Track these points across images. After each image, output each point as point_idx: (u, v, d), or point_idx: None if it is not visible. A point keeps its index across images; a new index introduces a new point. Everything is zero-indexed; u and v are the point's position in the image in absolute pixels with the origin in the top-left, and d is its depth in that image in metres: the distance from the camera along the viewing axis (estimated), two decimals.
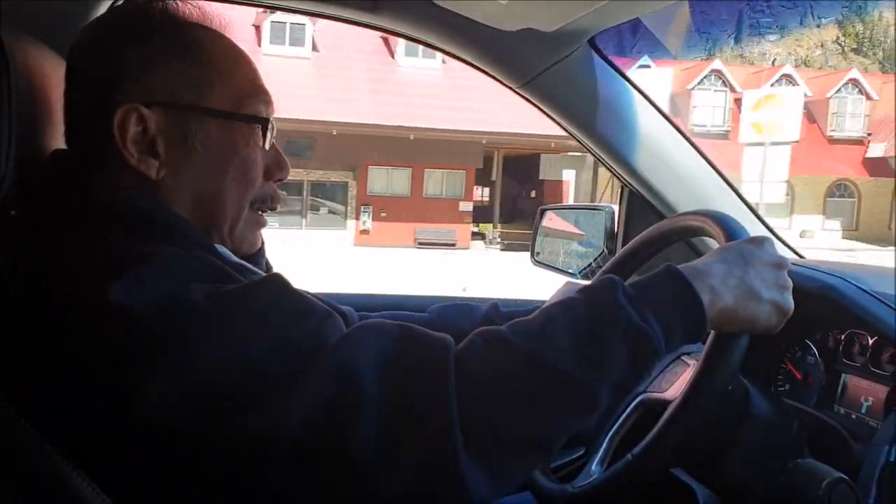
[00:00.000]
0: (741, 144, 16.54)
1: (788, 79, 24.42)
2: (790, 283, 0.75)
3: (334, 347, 0.61)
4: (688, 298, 0.69)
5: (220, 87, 0.75)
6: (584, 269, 1.46)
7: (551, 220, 1.62)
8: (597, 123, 1.30)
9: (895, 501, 0.77)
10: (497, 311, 1.06)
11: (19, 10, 0.81)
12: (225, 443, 0.58)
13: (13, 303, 0.64)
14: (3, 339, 0.63)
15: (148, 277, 0.61)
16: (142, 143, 0.72)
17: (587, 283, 0.74)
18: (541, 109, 1.30)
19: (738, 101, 21.77)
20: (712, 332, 0.76)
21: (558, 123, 1.32)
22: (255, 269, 0.79)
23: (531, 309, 1.04)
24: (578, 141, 1.35)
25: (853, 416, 0.95)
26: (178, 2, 0.77)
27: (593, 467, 0.86)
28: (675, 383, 0.89)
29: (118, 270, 0.61)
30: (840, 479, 0.74)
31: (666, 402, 0.82)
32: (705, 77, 24.50)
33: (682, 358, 0.96)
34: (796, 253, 1.39)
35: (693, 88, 24.30)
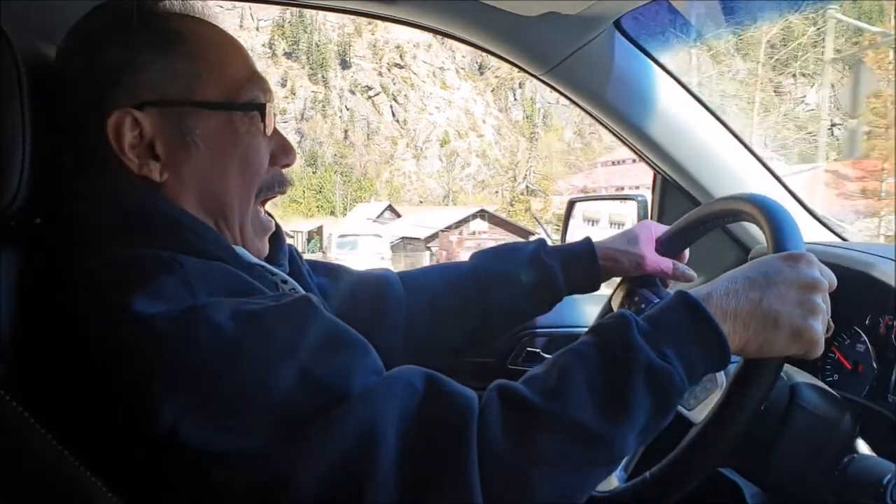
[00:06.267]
0: None
1: None
2: (820, 308, 0.68)
3: (360, 398, 0.58)
4: (706, 328, 0.65)
5: (211, 77, 0.72)
6: None
7: (582, 213, 1.58)
8: (626, 109, 1.26)
9: None
10: (545, 248, 1.03)
11: (27, 14, 0.80)
12: (234, 474, 0.56)
13: (36, 310, 0.64)
14: (25, 346, 0.62)
15: (171, 288, 0.60)
16: (140, 146, 0.69)
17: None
18: (565, 96, 1.26)
19: None
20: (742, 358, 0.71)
21: (584, 110, 1.28)
22: (275, 270, 0.77)
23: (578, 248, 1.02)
24: (606, 128, 1.31)
25: None
26: None
27: (617, 472, 0.82)
28: (702, 401, 0.83)
29: (140, 279, 0.59)
30: None
31: (690, 422, 0.78)
32: None
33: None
34: (840, 237, 1.33)
35: None
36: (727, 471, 0.92)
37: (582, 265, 1.03)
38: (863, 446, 0.80)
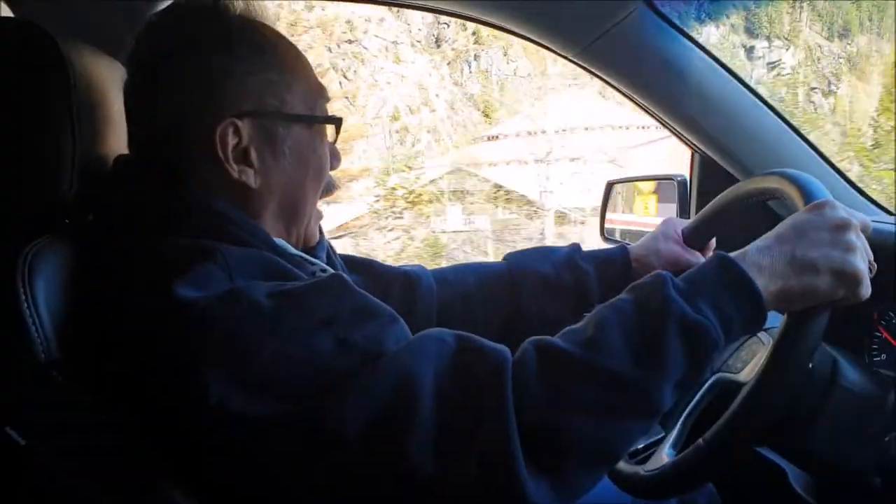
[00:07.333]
0: None
1: None
2: (855, 244, 0.68)
3: (395, 354, 0.61)
4: (740, 283, 0.65)
5: (296, 90, 0.75)
6: None
7: (620, 194, 1.56)
8: (660, 87, 1.24)
9: None
10: (579, 252, 1.03)
11: (73, 14, 0.82)
12: (283, 438, 0.58)
13: (89, 299, 0.67)
14: (81, 333, 0.65)
15: (212, 274, 0.63)
16: (236, 153, 0.72)
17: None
18: (599, 77, 1.25)
19: None
20: (786, 312, 0.70)
21: (619, 90, 1.27)
22: (314, 260, 0.79)
23: (613, 253, 1.02)
24: (641, 107, 1.29)
25: None
26: (242, 1, 0.75)
27: (666, 450, 0.82)
28: (749, 363, 0.83)
29: (182, 267, 0.63)
30: None
31: (739, 385, 0.77)
32: None
33: (759, 335, 0.90)
34: (885, 210, 1.29)
35: None
36: (770, 452, 0.90)
37: (617, 271, 1.02)
38: None
